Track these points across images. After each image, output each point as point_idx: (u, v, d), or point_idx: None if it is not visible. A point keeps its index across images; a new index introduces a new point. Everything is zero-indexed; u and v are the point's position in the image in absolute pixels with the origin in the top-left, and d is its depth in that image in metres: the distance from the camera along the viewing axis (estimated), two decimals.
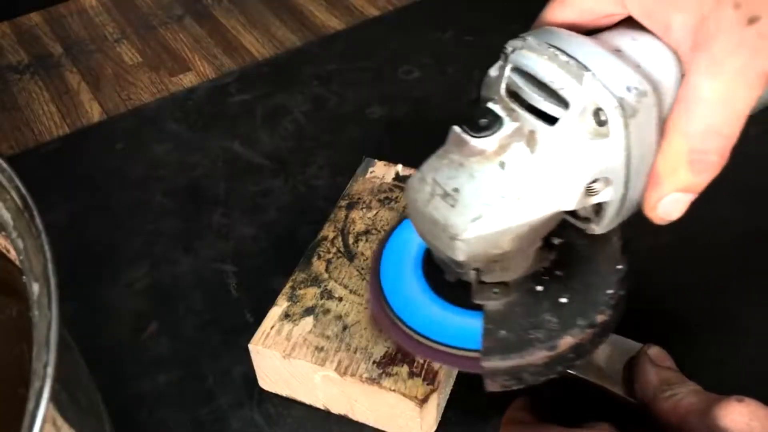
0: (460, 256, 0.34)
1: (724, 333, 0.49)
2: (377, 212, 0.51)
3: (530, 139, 0.33)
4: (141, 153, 0.66)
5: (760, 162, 0.60)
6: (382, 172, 0.54)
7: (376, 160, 0.55)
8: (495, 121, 0.33)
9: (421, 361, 0.42)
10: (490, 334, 0.36)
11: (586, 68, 0.31)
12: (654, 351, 0.40)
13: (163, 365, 0.49)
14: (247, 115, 0.68)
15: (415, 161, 0.56)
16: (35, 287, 0.28)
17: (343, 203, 0.52)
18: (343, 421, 0.45)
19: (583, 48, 0.33)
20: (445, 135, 0.35)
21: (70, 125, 0.70)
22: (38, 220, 0.29)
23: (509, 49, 0.35)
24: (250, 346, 0.44)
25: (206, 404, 0.47)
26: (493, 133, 0.33)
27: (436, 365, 0.42)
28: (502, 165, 0.33)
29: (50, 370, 0.24)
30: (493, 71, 0.36)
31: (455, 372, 0.46)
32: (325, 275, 0.47)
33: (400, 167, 0.54)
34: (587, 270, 0.38)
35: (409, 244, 0.42)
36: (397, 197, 0.52)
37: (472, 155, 0.33)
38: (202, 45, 0.79)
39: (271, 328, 0.45)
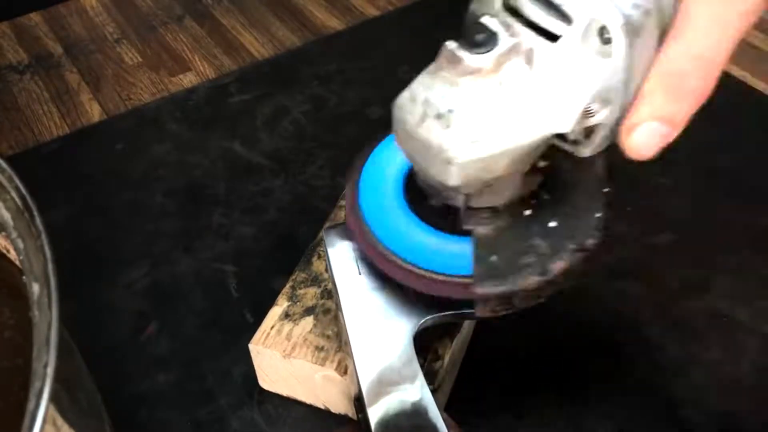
0: (454, 181, 0.32)
1: (724, 333, 0.49)
2: None
3: (529, 56, 0.31)
4: (141, 153, 0.66)
5: (760, 162, 0.60)
6: None
7: None
8: (491, 37, 0.31)
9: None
10: (482, 259, 0.35)
11: None
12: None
13: (163, 365, 0.49)
14: (247, 115, 0.68)
15: None
16: (35, 287, 0.28)
17: (343, 203, 0.52)
18: (343, 421, 0.45)
19: None
20: None
21: (70, 125, 0.70)
22: (38, 220, 0.29)
23: None
24: (251, 346, 0.44)
25: (206, 404, 0.47)
26: (489, 50, 0.31)
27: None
28: (500, 83, 0.31)
29: (50, 371, 0.24)
30: None
31: (455, 372, 0.46)
32: (325, 275, 0.47)
33: None
34: (574, 193, 0.37)
35: (388, 165, 0.41)
36: None
37: (467, 73, 0.31)
38: (202, 45, 0.79)
39: (272, 327, 0.45)
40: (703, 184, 0.59)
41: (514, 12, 0.32)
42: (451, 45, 0.32)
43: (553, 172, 0.37)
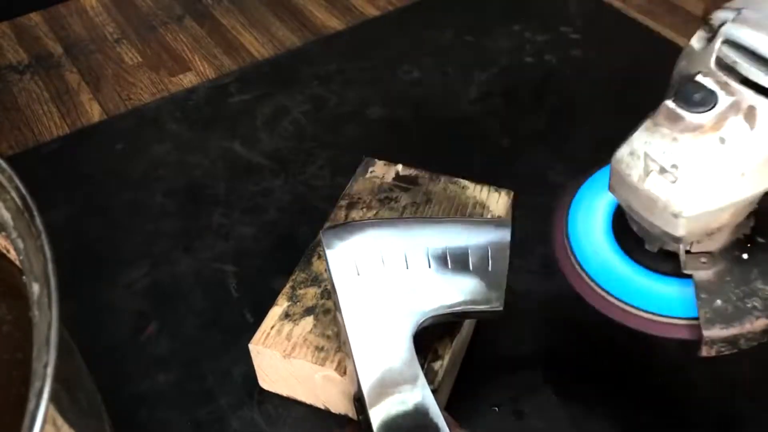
0: (681, 232, 0.34)
1: None
2: (377, 212, 0.51)
3: (749, 114, 0.32)
4: (141, 153, 0.66)
5: None
6: (382, 171, 0.54)
7: (376, 160, 0.55)
8: (709, 96, 0.33)
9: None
10: (706, 303, 0.36)
11: None
12: None
13: (163, 365, 0.49)
14: (247, 115, 0.68)
15: (415, 161, 0.56)
16: (35, 287, 0.28)
17: (343, 203, 0.52)
18: (343, 421, 0.45)
19: None
20: (445, 135, 0.35)
21: (70, 125, 0.70)
22: (38, 220, 0.29)
23: (717, 21, 0.34)
24: (251, 346, 0.44)
25: (206, 404, 0.47)
26: (710, 109, 0.32)
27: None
28: (722, 140, 0.32)
29: (50, 370, 0.24)
30: (696, 43, 0.35)
31: (455, 372, 0.46)
32: (326, 275, 0.47)
33: (400, 167, 0.54)
34: None
35: (592, 207, 0.42)
36: (397, 197, 0.52)
37: (687, 130, 0.33)
38: (202, 45, 0.79)
39: (272, 328, 0.45)
40: None
41: (730, 69, 0.33)
42: (670, 104, 0.33)
43: (765, 215, 0.38)
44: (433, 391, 0.41)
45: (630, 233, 0.39)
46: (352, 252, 0.42)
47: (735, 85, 0.33)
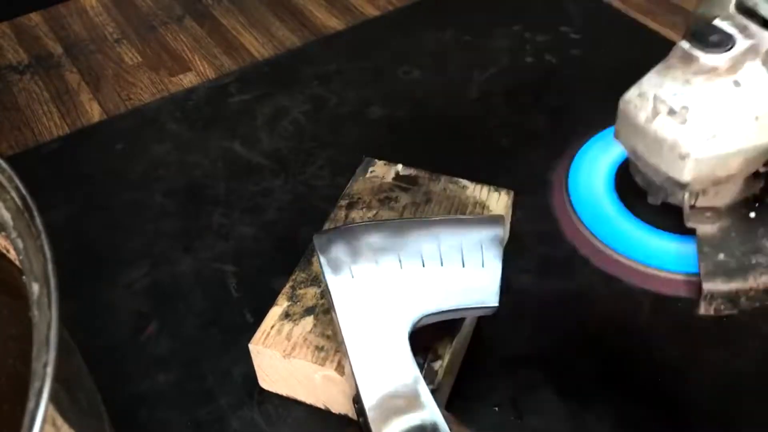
0: (687, 176, 0.32)
1: (724, 333, 0.49)
2: (377, 212, 0.51)
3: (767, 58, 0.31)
4: (141, 153, 0.66)
5: None
6: (383, 171, 0.54)
7: (376, 160, 0.55)
8: (726, 38, 0.31)
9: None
10: (708, 257, 0.35)
11: None
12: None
13: (163, 365, 0.49)
14: (247, 115, 0.68)
15: (415, 161, 0.56)
16: (35, 287, 0.28)
17: (343, 203, 0.52)
18: (343, 421, 0.45)
19: None
20: (445, 135, 0.34)
21: (70, 125, 0.70)
22: (38, 220, 0.29)
23: None
24: (251, 346, 0.44)
25: (206, 404, 0.47)
26: (725, 50, 0.31)
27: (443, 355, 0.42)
28: (736, 83, 0.31)
29: (50, 370, 0.24)
30: None
31: (455, 371, 0.46)
32: None
33: (400, 167, 0.54)
34: None
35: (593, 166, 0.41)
36: (397, 197, 0.52)
37: (701, 72, 0.31)
38: (202, 45, 0.79)
39: (272, 327, 0.45)
40: None
41: (750, 13, 0.32)
42: (684, 44, 0.32)
43: None
44: (433, 391, 0.41)
45: (633, 188, 0.38)
46: (345, 255, 0.42)
47: (755, 28, 0.32)
